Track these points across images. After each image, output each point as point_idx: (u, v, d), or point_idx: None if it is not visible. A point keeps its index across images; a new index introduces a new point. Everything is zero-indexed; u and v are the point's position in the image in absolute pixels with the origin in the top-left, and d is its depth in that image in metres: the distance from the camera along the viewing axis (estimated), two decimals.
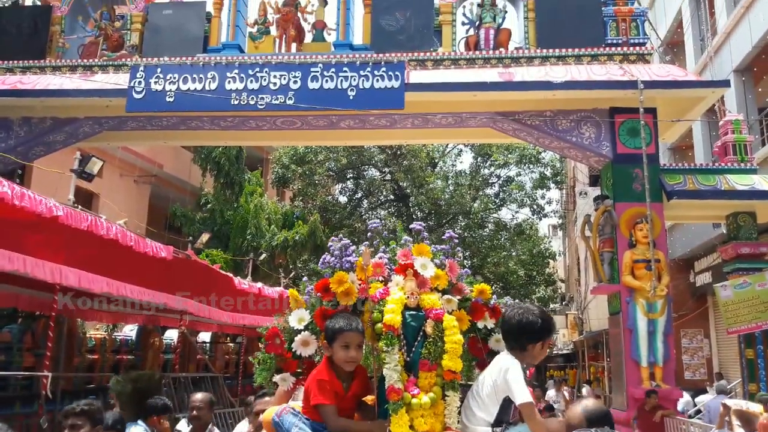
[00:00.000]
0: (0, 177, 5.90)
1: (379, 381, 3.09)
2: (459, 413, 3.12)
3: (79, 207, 8.19)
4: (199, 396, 4.67)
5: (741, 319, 7.96)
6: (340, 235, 3.67)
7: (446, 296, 3.30)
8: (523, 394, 2.85)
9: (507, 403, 2.93)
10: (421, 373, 3.10)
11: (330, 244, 3.59)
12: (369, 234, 3.67)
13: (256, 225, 20.54)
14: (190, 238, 18.58)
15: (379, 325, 3.09)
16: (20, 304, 8.07)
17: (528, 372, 3.16)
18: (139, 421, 4.42)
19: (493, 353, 3.33)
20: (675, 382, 8.34)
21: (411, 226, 3.61)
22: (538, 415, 2.89)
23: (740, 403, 4.37)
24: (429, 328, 3.11)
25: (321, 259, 3.55)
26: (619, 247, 8.32)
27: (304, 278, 3.67)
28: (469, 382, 3.39)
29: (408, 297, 3.18)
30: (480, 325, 3.42)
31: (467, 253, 22.28)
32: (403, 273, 3.31)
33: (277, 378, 3.27)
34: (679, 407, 9.62)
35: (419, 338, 3.16)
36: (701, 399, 12.39)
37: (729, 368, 14.28)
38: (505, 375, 2.91)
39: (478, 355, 3.49)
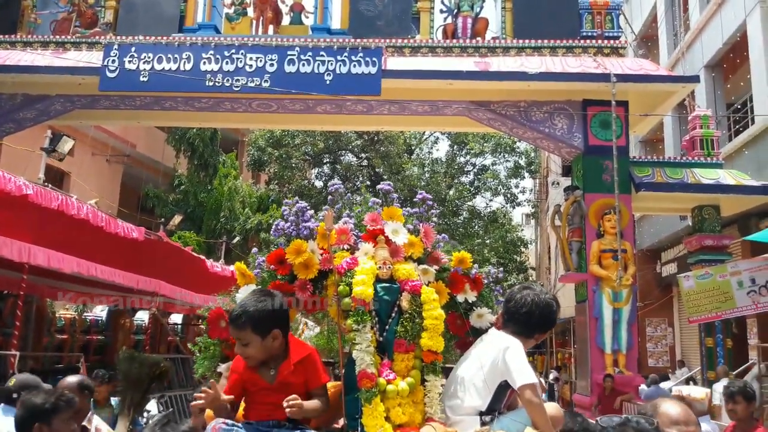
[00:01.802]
0: None
1: (347, 365, 2.65)
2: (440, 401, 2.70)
3: (50, 186, 8.09)
4: (65, 382, 3.65)
5: (702, 309, 8.20)
6: (296, 198, 3.21)
7: (422, 266, 2.88)
8: (524, 375, 2.45)
9: (502, 388, 2.56)
10: (396, 355, 2.68)
11: (284, 208, 3.07)
12: (330, 198, 3.19)
13: (230, 208, 20.44)
14: (163, 219, 18.43)
15: (347, 299, 2.64)
16: None
17: None
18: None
19: (476, 331, 2.96)
20: (638, 369, 8.58)
21: (379, 186, 3.14)
22: (540, 399, 2.48)
23: (682, 389, 4.52)
24: (405, 302, 2.69)
25: (273, 226, 3.04)
26: (588, 237, 8.49)
27: (254, 250, 3.17)
28: (449, 365, 2.95)
29: (380, 267, 2.74)
30: (460, 298, 2.98)
31: None
32: (373, 240, 2.87)
33: (222, 368, 2.77)
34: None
35: (393, 314, 2.72)
36: (664, 385, 12.74)
37: (691, 356, 14.70)
38: (504, 354, 2.51)
39: (458, 333, 3.05)
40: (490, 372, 2.54)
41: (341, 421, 2.75)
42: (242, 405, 2.58)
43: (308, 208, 3.06)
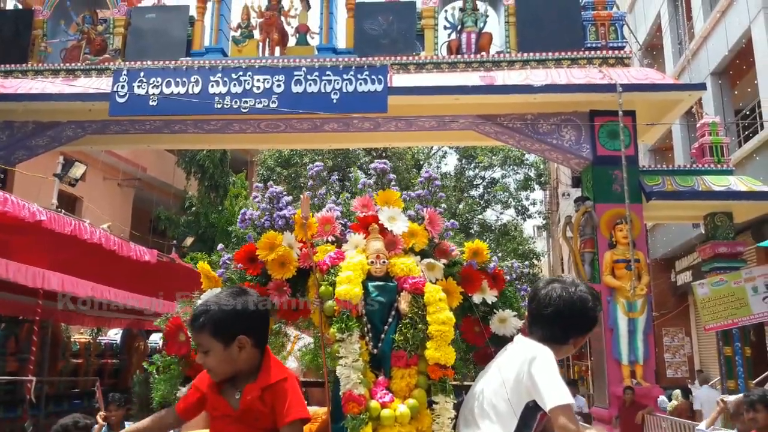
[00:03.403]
0: None
1: (334, 386, 2.17)
2: (454, 428, 2.16)
3: (63, 211, 8.18)
4: None
5: (718, 316, 8.12)
6: (270, 182, 2.71)
7: (427, 260, 2.37)
8: (556, 394, 1.93)
9: (531, 411, 2.02)
10: (395, 371, 2.16)
11: (254, 194, 2.58)
12: (310, 183, 2.71)
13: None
14: (175, 241, 18.54)
15: (330, 302, 2.16)
16: (3, 309, 8.03)
17: None
18: None
19: (498, 339, 2.41)
20: (656, 380, 8.49)
21: (373, 165, 2.61)
22: (577, 424, 1.94)
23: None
24: (404, 304, 2.20)
25: (240, 216, 2.56)
26: (600, 248, 8.45)
27: (219, 246, 2.68)
28: (466, 383, 2.44)
29: (372, 262, 2.24)
30: (477, 299, 2.42)
31: None
32: (364, 230, 2.36)
33: (183, 391, 2.30)
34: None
35: (390, 320, 2.21)
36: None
37: (710, 365, 14.49)
38: (530, 367, 1.99)
39: (476, 343, 2.48)
40: (515, 390, 2.03)
41: None
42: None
43: (284, 193, 2.58)
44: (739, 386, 8.57)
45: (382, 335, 2.20)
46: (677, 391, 10.87)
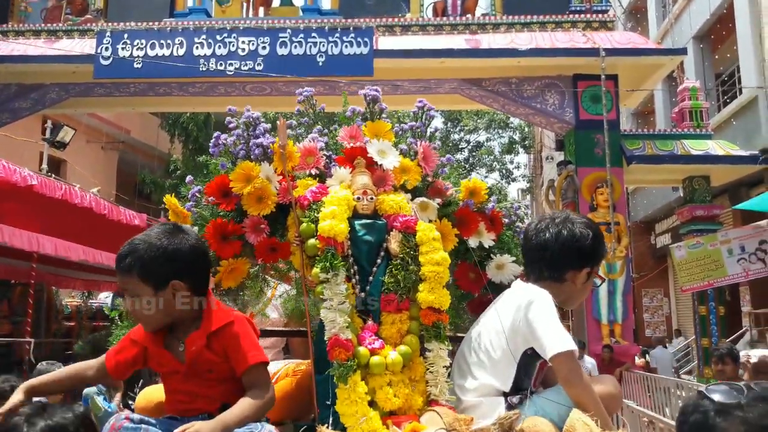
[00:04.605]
0: None
1: (317, 333, 1.97)
2: (449, 377, 1.99)
3: (53, 176, 8.19)
4: None
5: (694, 278, 8.39)
6: (248, 106, 2.37)
7: (420, 199, 2.16)
8: (556, 340, 1.79)
9: (530, 359, 1.88)
10: (385, 316, 1.97)
11: (228, 119, 2.26)
12: (297, 109, 2.47)
13: None
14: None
15: (312, 241, 1.94)
16: None
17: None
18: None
19: (495, 287, 2.23)
20: (634, 338, 8.79)
21: (362, 91, 2.39)
22: (582, 372, 1.80)
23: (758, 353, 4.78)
24: (394, 243, 2.00)
25: (212, 140, 2.28)
26: (581, 211, 8.61)
27: (188, 178, 2.36)
28: (460, 334, 2.26)
29: (358, 198, 2.04)
30: (472, 242, 2.22)
31: None
32: (350, 164, 2.14)
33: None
34: None
35: (379, 261, 2.01)
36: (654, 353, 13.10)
37: (686, 325, 14.95)
38: (527, 312, 1.86)
39: (472, 290, 2.29)
40: (511, 338, 1.87)
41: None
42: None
43: (261, 119, 2.26)
44: (713, 344, 8.92)
45: (370, 278, 2.00)
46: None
